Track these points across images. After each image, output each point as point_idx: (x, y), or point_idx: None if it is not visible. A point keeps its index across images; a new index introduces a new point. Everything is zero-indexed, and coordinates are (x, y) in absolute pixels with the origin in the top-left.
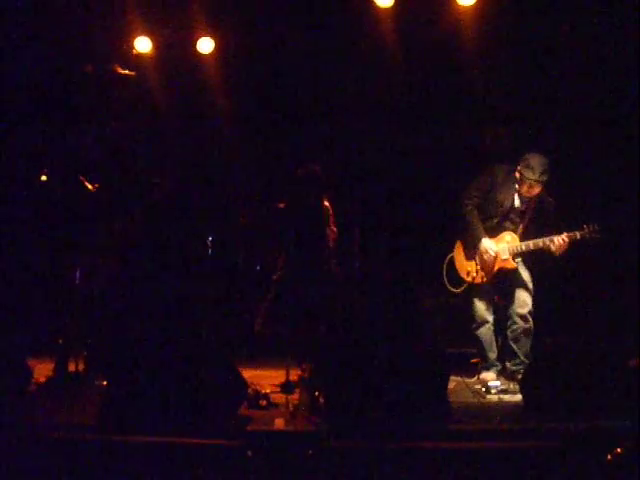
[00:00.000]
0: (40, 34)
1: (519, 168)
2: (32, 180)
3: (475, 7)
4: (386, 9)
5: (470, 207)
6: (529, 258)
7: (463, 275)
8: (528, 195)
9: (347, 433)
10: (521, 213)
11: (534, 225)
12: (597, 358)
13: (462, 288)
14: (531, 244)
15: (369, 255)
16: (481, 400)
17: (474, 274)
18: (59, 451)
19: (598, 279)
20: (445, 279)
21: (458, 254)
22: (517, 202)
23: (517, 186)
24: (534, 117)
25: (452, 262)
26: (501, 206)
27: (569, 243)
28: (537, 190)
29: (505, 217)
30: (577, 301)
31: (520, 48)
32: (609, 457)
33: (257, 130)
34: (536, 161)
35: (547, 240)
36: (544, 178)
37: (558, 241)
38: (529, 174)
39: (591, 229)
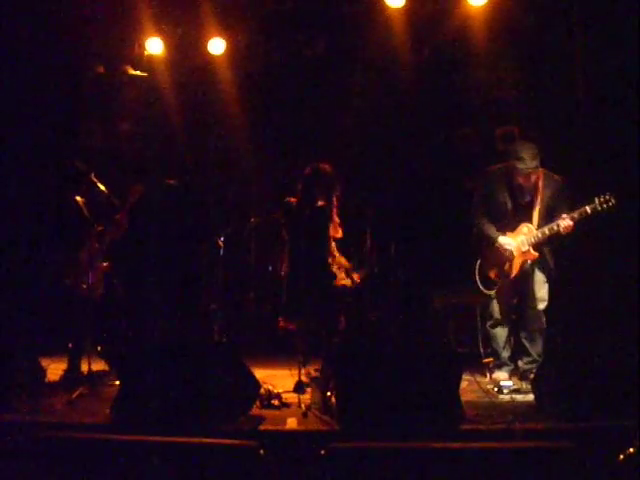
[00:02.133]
0: (52, 35)
1: (511, 161)
2: (44, 181)
3: (486, 7)
4: (397, 9)
5: (479, 219)
6: (549, 256)
7: (492, 276)
8: (527, 185)
9: (359, 433)
10: (529, 203)
11: (548, 209)
12: (609, 357)
13: (495, 289)
14: (546, 230)
15: (381, 255)
16: (493, 400)
17: (500, 273)
18: (71, 451)
19: (608, 276)
20: (479, 283)
21: (483, 258)
22: (519, 196)
23: (513, 180)
24: (544, 116)
25: (481, 267)
26: (504, 205)
27: (578, 221)
28: (533, 178)
29: (515, 213)
30: (588, 300)
31: (530, 48)
32: (621, 457)
33: (269, 130)
34: (524, 150)
35: (554, 225)
36: (535, 164)
37: (563, 223)
38: (521, 165)
39: (602, 200)
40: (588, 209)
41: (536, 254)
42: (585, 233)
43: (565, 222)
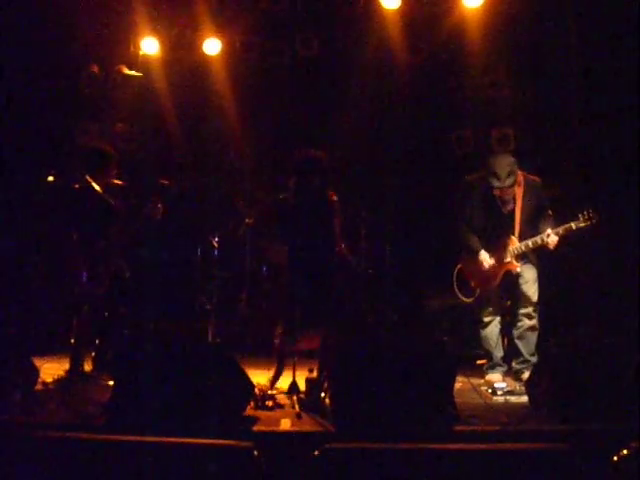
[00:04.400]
0: (47, 35)
1: (486, 176)
2: (39, 180)
3: (481, 9)
4: (393, 11)
5: (461, 227)
6: (534, 256)
7: (472, 284)
8: (505, 197)
9: (353, 434)
10: (510, 212)
11: (530, 216)
12: (602, 359)
13: (474, 297)
14: (530, 243)
15: (376, 256)
16: (487, 401)
17: (482, 283)
18: (64, 451)
19: (601, 277)
20: (457, 290)
21: (465, 265)
22: (499, 207)
23: (490, 193)
24: (540, 118)
25: (461, 273)
26: (483, 215)
27: (562, 236)
28: (510, 192)
29: (496, 223)
30: (582, 300)
31: (526, 49)
32: (615, 458)
33: (264, 131)
34: (499, 165)
35: (539, 239)
36: (511, 181)
37: (549, 239)
38: (495, 182)
39: (586, 216)
40: (573, 225)
41: (518, 265)
42: (580, 236)
43: (550, 238)
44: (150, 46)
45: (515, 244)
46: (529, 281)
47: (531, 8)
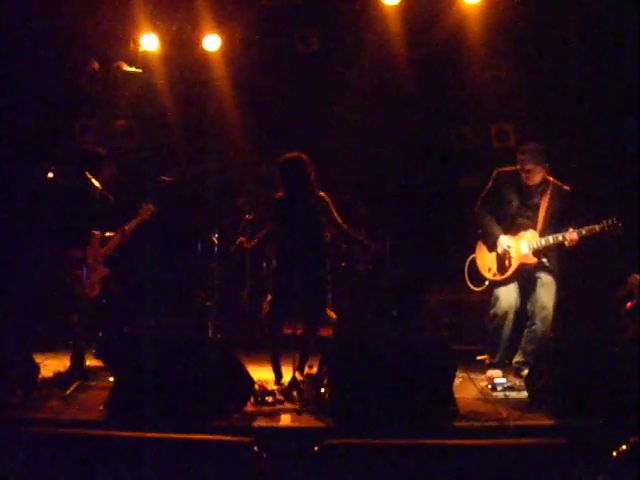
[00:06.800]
0: (47, 31)
1: (516, 159)
2: (40, 177)
3: (481, 5)
4: (393, 7)
5: (480, 210)
6: (554, 261)
7: (484, 272)
8: (531, 183)
9: (352, 430)
10: (535, 207)
11: (554, 218)
12: (602, 355)
13: (484, 286)
14: (550, 239)
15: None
16: (487, 397)
17: (495, 270)
18: (65, 447)
19: (602, 277)
20: (467, 278)
21: (480, 253)
22: (526, 197)
23: (521, 180)
24: (539, 114)
25: (474, 262)
26: (510, 205)
27: (584, 237)
28: (537, 176)
29: (519, 214)
30: (582, 298)
31: (526, 45)
32: (614, 454)
33: (263, 127)
34: (527, 145)
35: (559, 236)
36: (536, 161)
37: (569, 236)
38: (521, 157)
39: (610, 223)
40: (597, 227)
41: (535, 259)
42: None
43: (572, 235)
44: (150, 42)
45: (535, 238)
46: (546, 284)
47: (531, 3)
